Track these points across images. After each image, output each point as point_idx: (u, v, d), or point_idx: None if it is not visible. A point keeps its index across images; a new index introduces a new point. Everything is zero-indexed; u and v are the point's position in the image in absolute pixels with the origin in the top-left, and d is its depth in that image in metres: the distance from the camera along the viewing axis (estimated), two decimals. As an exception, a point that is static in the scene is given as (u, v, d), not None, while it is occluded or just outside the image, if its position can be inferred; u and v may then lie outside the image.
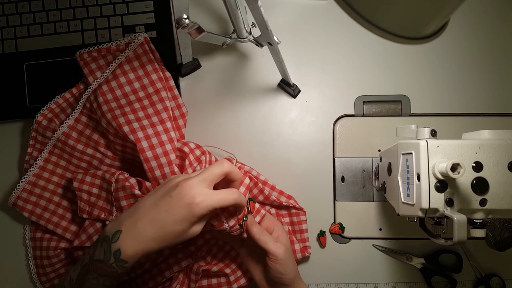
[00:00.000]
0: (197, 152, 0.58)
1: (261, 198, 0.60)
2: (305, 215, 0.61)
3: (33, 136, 0.61)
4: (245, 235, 0.53)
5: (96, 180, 0.57)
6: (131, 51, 0.59)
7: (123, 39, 0.61)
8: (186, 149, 0.57)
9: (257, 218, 0.56)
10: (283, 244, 0.53)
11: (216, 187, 0.47)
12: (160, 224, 0.44)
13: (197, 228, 0.46)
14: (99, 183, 0.57)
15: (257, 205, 0.56)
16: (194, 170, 0.56)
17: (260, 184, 0.60)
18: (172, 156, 0.55)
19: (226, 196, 0.46)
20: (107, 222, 0.57)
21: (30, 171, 0.60)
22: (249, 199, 0.53)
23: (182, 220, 0.44)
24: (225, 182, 0.50)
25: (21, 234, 0.63)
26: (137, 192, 0.55)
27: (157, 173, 0.55)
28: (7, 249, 0.64)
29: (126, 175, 0.57)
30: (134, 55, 0.59)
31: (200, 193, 0.44)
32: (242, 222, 0.51)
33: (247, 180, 0.55)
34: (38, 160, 0.60)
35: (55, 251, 0.60)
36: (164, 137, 0.56)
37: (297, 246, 0.60)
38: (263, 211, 0.56)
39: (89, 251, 0.46)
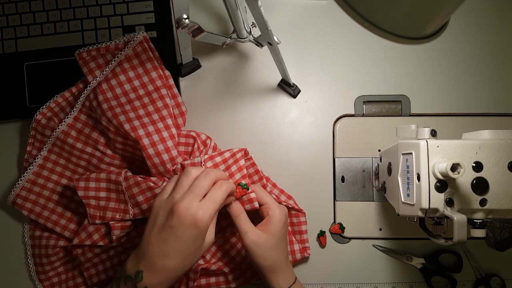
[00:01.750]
0: (203, 137, 0.61)
1: None
2: (305, 216, 0.61)
3: (32, 135, 0.61)
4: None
5: (101, 183, 0.57)
6: (131, 49, 0.60)
7: (122, 38, 0.61)
8: (193, 133, 0.59)
9: (248, 207, 0.54)
10: (256, 235, 0.50)
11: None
12: (176, 254, 0.45)
13: (210, 237, 0.47)
14: (105, 186, 0.57)
15: (252, 195, 0.54)
16: (204, 153, 0.58)
17: (264, 180, 0.60)
18: (174, 153, 0.56)
19: (219, 196, 0.47)
20: (112, 223, 0.56)
21: (30, 169, 0.60)
22: (239, 184, 0.53)
23: (195, 240, 0.45)
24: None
25: (20, 232, 0.63)
26: (152, 184, 0.55)
27: (161, 168, 0.56)
28: (6, 247, 0.64)
29: (130, 173, 0.57)
30: (134, 53, 0.60)
31: (197, 209, 0.45)
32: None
33: (242, 162, 0.56)
34: (38, 158, 0.60)
35: (54, 249, 0.60)
36: (165, 134, 0.56)
37: (296, 247, 0.60)
38: (256, 204, 0.54)
39: None
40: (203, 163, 0.54)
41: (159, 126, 0.57)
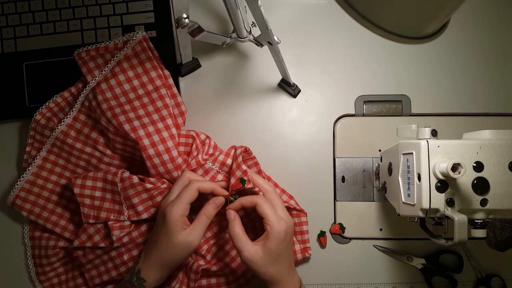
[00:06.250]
0: (202, 136, 0.61)
1: None
2: (306, 216, 0.61)
3: (31, 135, 0.61)
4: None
5: (97, 183, 0.57)
6: (130, 48, 0.59)
7: (122, 37, 0.61)
8: (192, 133, 0.59)
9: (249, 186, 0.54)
10: (251, 253, 0.50)
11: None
12: (155, 245, 0.53)
13: (192, 237, 0.51)
14: (101, 185, 0.57)
15: (257, 189, 0.54)
16: (203, 152, 0.59)
17: (265, 179, 0.60)
18: (174, 153, 0.56)
19: (183, 196, 0.52)
20: (110, 223, 0.56)
21: (29, 169, 0.60)
22: (241, 180, 0.54)
23: (165, 232, 0.51)
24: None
25: (20, 233, 0.63)
26: (149, 185, 0.55)
27: (161, 169, 0.56)
28: (6, 248, 0.64)
29: (128, 173, 0.57)
30: (133, 52, 0.59)
31: (167, 203, 0.52)
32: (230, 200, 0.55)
33: (239, 158, 0.56)
34: (37, 159, 0.60)
35: (53, 250, 0.60)
36: (165, 134, 0.56)
37: (297, 247, 0.60)
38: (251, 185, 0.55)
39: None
40: (216, 169, 0.57)
41: (159, 126, 0.57)
